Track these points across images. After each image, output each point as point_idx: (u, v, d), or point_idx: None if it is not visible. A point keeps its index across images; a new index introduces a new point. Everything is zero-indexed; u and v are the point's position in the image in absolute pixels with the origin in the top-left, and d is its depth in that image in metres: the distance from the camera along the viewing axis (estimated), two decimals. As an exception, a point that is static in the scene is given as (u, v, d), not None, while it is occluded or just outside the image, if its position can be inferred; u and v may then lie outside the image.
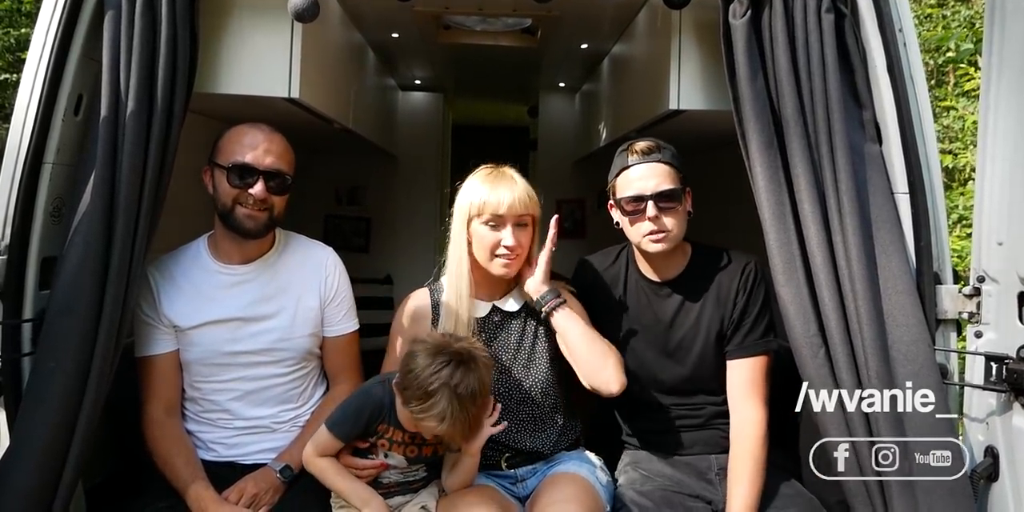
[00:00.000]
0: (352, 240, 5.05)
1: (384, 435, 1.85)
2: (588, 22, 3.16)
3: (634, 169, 2.00)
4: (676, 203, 1.97)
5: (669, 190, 1.96)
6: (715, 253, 2.11)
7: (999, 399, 1.68)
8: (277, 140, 1.98)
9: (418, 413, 1.71)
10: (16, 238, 1.77)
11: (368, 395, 1.86)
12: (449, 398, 1.68)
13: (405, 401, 1.75)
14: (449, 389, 1.68)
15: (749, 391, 1.99)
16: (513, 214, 1.95)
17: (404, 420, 1.82)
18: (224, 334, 1.98)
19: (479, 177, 2.00)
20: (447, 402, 1.68)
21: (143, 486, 1.95)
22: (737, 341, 2.02)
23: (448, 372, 1.69)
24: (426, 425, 1.72)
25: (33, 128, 1.79)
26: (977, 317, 1.74)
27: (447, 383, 1.68)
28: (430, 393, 1.68)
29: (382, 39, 3.58)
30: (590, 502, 1.89)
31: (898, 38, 1.85)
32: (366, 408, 1.84)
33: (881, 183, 1.80)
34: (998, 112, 1.68)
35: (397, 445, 1.86)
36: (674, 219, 1.97)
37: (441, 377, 1.69)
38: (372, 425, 1.84)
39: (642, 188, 1.97)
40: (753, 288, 2.03)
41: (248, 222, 1.95)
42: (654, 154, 2.00)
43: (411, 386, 1.72)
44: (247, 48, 2.19)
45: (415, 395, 1.71)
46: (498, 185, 1.96)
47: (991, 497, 1.69)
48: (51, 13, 1.83)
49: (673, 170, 1.99)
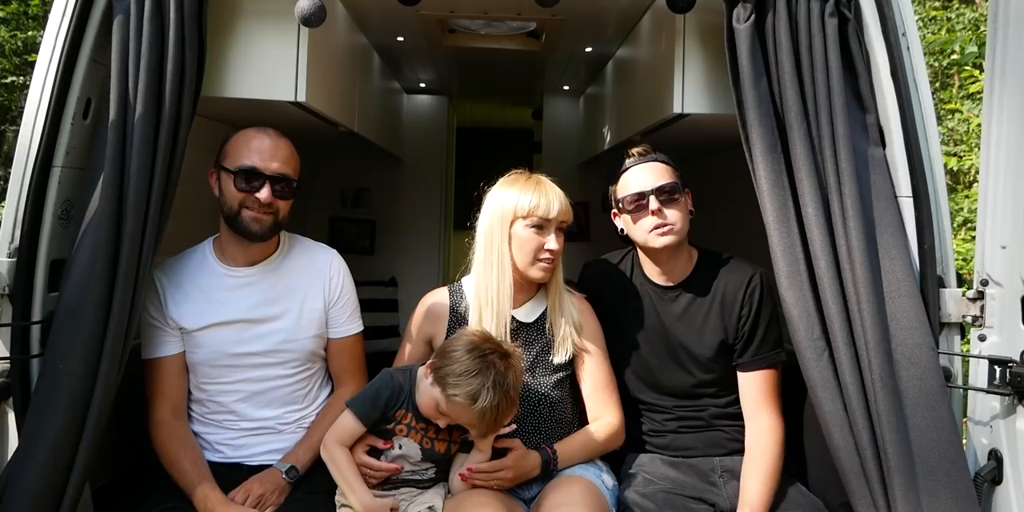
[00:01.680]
0: (357, 242, 5.06)
1: (402, 421, 1.88)
2: (592, 26, 3.17)
3: (632, 170, 2.05)
4: (677, 195, 2.02)
5: (669, 184, 2.02)
6: (721, 260, 2.12)
7: (1003, 402, 1.68)
8: (283, 145, 2.00)
9: (452, 390, 1.75)
10: (25, 241, 1.79)
11: (389, 378, 1.90)
12: (485, 382, 1.74)
13: (438, 379, 1.79)
14: (490, 374, 1.75)
15: (764, 401, 2.02)
16: (559, 219, 1.99)
17: (425, 405, 1.85)
18: (230, 336, 1.99)
19: (520, 180, 2.03)
20: (483, 385, 1.74)
21: (150, 487, 1.96)
22: (750, 354, 2.04)
23: (493, 359, 1.78)
24: (455, 403, 1.76)
25: (42, 132, 1.80)
26: (981, 320, 1.75)
27: (490, 367, 1.76)
28: (470, 371, 1.75)
29: (387, 43, 3.60)
30: (595, 505, 1.89)
31: (901, 42, 1.86)
32: (385, 390, 1.88)
33: (885, 187, 1.80)
34: (1001, 115, 1.68)
35: (414, 432, 1.89)
36: (677, 212, 2.01)
37: (486, 362, 1.77)
38: (390, 409, 1.87)
39: (642, 185, 2.02)
40: (760, 302, 2.04)
41: (254, 225, 1.96)
42: (649, 155, 2.07)
43: (452, 363, 1.78)
44: (254, 52, 2.20)
45: (454, 372, 1.76)
46: (545, 190, 2.00)
47: (995, 500, 1.69)
48: (60, 18, 1.84)
49: (670, 168, 2.06)
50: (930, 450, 1.62)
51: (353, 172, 5.00)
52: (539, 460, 1.95)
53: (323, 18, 2.05)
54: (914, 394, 1.65)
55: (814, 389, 1.75)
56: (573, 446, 2.01)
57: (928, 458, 1.62)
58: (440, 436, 1.91)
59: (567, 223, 2.01)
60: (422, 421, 1.89)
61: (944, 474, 1.61)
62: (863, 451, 1.68)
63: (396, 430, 1.88)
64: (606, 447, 2.05)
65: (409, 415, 1.88)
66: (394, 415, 1.88)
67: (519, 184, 2.02)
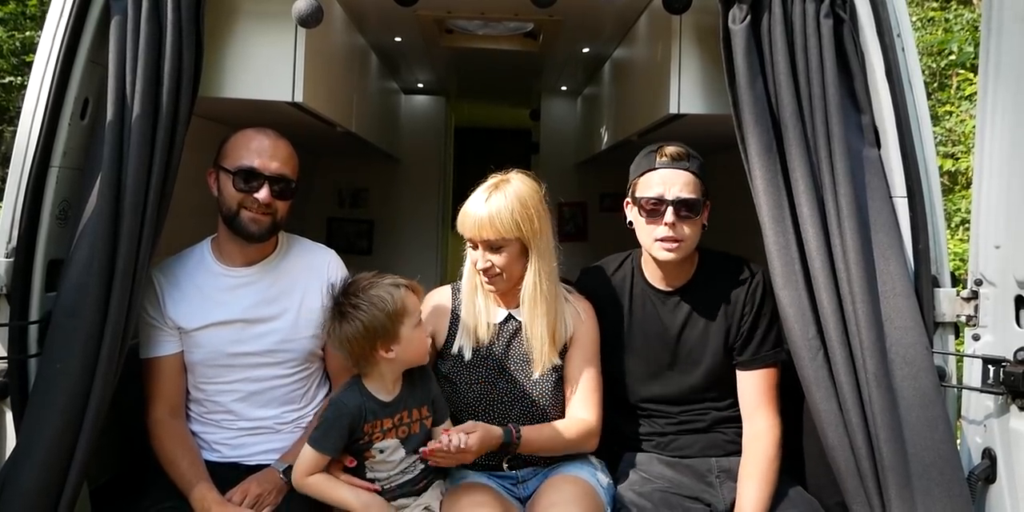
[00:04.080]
0: (355, 243, 5.07)
1: (373, 433, 1.86)
2: (589, 26, 3.18)
3: (660, 172, 1.98)
4: (695, 213, 1.97)
5: (692, 199, 1.96)
6: (722, 260, 2.11)
7: (996, 401, 1.69)
8: (282, 145, 2.01)
9: (387, 306, 1.82)
10: (23, 240, 1.79)
11: (340, 403, 1.87)
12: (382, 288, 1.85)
13: (382, 327, 1.82)
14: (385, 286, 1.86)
15: (762, 401, 2.01)
16: (479, 238, 1.93)
17: (411, 348, 1.86)
18: (228, 336, 1.99)
19: (476, 192, 1.97)
20: (386, 288, 1.85)
21: (147, 486, 1.96)
22: (749, 353, 2.03)
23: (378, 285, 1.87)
24: (402, 303, 1.84)
25: (40, 132, 1.81)
26: (975, 320, 1.76)
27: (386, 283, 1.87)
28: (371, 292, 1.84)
29: (385, 43, 3.60)
30: (591, 504, 1.90)
31: (896, 43, 1.87)
32: (344, 416, 1.84)
33: (879, 187, 1.81)
34: (995, 116, 1.69)
35: (390, 431, 1.88)
36: (690, 229, 1.97)
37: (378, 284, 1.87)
38: (357, 429, 1.85)
39: (665, 191, 1.96)
40: (762, 301, 2.03)
41: (252, 226, 1.96)
42: (682, 161, 1.98)
43: (374, 303, 1.83)
44: (251, 53, 2.21)
45: (369, 301, 1.83)
46: (478, 203, 1.93)
47: (989, 499, 1.70)
48: (58, 18, 1.85)
49: (698, 181, 1.98)
50: (924, 449, 1.63)
51: (351, 172, 5.01)
52: (501, 438, 1.89)
53: (320, 19, 2.05)
54: (909, 393, 1.66)
55: (809, 388, 1.76)
56: (541, 434, 1.96)
57: (922, 457, 1.63)
58: (412, 417, 1.90)
59: (501, 241, 1.91)
60: (390, 418, 1.87)
61: (938, 473, 1.62)
62: (858, 450, 1.69)
63: (374, 440, 1.87)
64: (576, 445, 2.00)
65: (376, 422, 1.86)
66: (364, 431, 1.85)
67: (473, 196, 1.96)
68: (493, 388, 2.02)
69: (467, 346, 2.03)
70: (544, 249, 1.98)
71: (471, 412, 2.01)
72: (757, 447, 1.97)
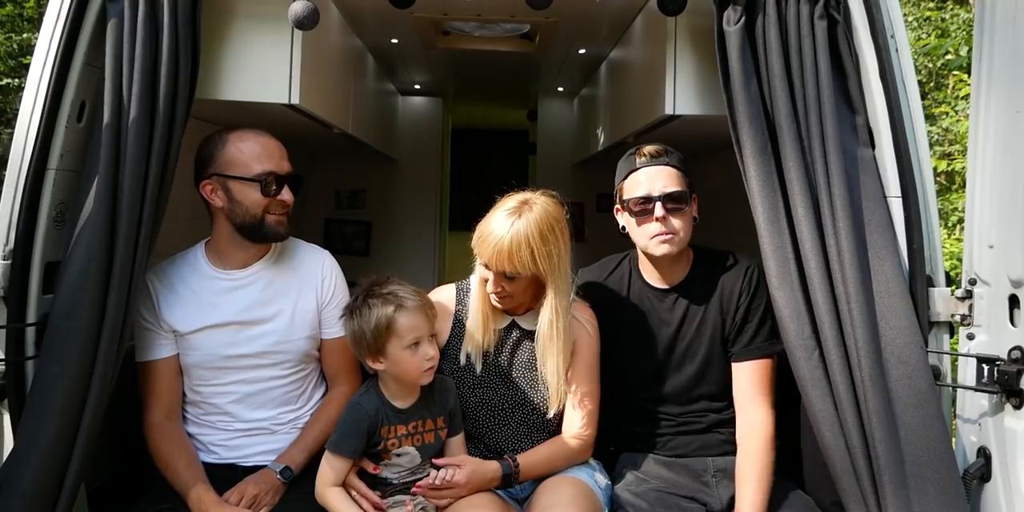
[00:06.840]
0: (352, 244, 5.08)
1: (389, 438, 1.87)
2: (585, 28, 3.19)
3: (642, 171, 2.02)
4: (683, 205, 2.00)
5: (677, 192, 1.99)
6: (717, 256, 2.12)
7: (991, 400, 1.70)
8: (280, 144, 2.03)
9: (397, 320, 1.81)
10: (20, 243, 1.79)
11: (358, 406, 1.88)
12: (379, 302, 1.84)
13: (375, 341, 1.82)
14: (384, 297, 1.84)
15: (756, 393, 2.01)
16: (495, 269, 1.91)
17: (400, 367, 1.85)
18: (223, 338, 2.00)
19: (497, 211, 1.91)
20: (379, 305, 1.84)
21: (144, 488, 1.97)
22: (743, 344, 2.03)
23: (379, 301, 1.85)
24: (396, 322, 1.82)
25: (37, 134, 1.81)
26: (969, 319, 1.76)
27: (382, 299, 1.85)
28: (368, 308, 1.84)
29: (381, 45, 3.61)
30: (588, 505, 1.89)
31: (890, 44, 1.88)
32: (363, 419, 1.86)
33: (874, 187, 1.82)
34: (988, 116, 1.70)
35: (405, 438, 1.89)
36: (681, 221, 1.99)
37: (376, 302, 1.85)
38: (375, 433, 1.86)
39: (650, 189, 1.99)
40: (756, 291, 2.04)
41: (280, 227, 2.00)
42: (662, 157, 2.02)
43: (361, 321, 1.84)
44: (248, 55, 2.21)
45: (365, 318, 1.83)
46: (498, 230, 1.86)
47: (983, 497, 1.70)
48: (55, 20, 1.85)
49: (680, 174, 2.02)
50: (919, 448, 1.63)
51: (348, 174, 5.02)
52: (499, 472, 1.91)
53: (317, 21, 2.06)
54: (903, 392, 1.67)
55: (804, 388, 1.76)
56: (538, 458, 1.98)
57: (917, 456, 1.63)
58: (426, 426, 1.91)
59: (515, 274, 1.88)
60: (407, 425, 1.89)
61: (933, 472, 1.62)
62: (853, 449, 1.69)
63: (389, 446, 1.88)
64: (572, 461, 2.02)
65: (392, 428, 1.87)
66: (381, 435, 1.87)
67: (492, 216, 1.91)
68: (495, 394, 2.02)
69: (472, 352, 2.03)
70: (561, 285, 1.94)
71: (472, 417, 2.02)
72: (753, 442, 1.96)
